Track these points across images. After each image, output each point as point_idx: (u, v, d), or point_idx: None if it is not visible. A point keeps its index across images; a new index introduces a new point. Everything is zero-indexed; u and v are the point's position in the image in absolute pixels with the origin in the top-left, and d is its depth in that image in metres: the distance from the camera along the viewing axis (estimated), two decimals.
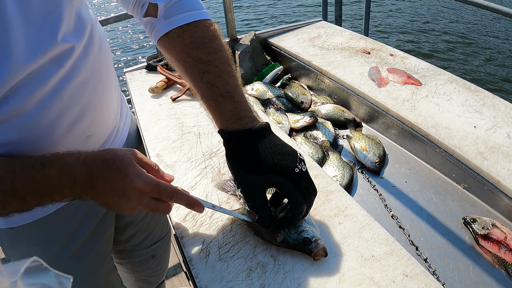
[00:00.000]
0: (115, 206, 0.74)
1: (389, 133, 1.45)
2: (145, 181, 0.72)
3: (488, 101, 1.38)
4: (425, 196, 1.20)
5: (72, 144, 0.84)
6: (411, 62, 1.68)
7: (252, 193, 0.81)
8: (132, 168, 0.72)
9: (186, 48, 0.82)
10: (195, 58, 0.81)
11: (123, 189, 0.71)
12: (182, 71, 0.84)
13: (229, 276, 0.78)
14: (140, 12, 0.88)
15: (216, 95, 0.80)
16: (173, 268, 2.25)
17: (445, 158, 1.22)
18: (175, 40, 0.83)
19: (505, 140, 1.20)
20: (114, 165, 0.71)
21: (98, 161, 0.72)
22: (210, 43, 0.82)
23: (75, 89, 0.79)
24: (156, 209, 0.76)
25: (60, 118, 0.78)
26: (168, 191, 0.75)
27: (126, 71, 1.71)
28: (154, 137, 1.22)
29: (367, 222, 0.89)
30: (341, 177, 1.23)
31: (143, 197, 0.73)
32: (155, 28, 0.85)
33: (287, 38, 2.04)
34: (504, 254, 0.98)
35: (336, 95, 1.67)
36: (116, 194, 0.71)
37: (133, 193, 0.71)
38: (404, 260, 0.79)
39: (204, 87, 0.81)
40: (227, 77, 0.82)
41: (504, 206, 1.09)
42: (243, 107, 0.81)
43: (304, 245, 0.79)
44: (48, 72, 0.72)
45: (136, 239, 1.29)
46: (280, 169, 0.77)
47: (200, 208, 0.80)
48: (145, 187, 0.72)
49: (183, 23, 0.82)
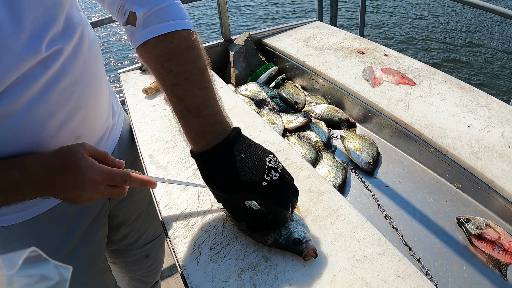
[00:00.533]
0: (75, 200, 0.77)
1: (383, 133, 1.44)
2: (98, 172, 0.75)
3: (482, 101, 1.38)
4: (419, 196, 1.19)
5: (62, 144, 0.83)
6: (405, 62, 1.68)
7: (231, 208, 0.84)
8: (84, 161, 0.75)
9: (160, 59, 0.79)
10: (168, 70, 0.78)
11: (79, 181, 0.74)
12: (157, 82, 0.82)
13: (221, 277, 0.77)
14: (122, 19, 0.86)
15: (183, 110, 0.78)
16: (168, 268, 2.24)
17: (439, 158, 1.22)
18: (151, 50, 0.80)
19: (499, 139, 1.20)
20: (68, 161, 0.74)
21: (53, 160, 0.75)
22: (184, 54, 0.79)
23: (64, 90, 0.80)
24: (112, 194, 0.80)
25: (49, 119, 0.79)
26: (121, 176, 0.78)
27: (120, 72, 1.70)
28: (147, 138, 1.21)
29: (360, 222, 0.88)
30: (334, 177, 1.23)
31: (98, 186, 0.76)
32: (134, 36, 0.83)
33: (282, 38, 2.04)
34: (498, 254, 0.98)
35: (330, 95, 1.67)
36: (73, 188, 0.75)
37: (89, 184, 0.74)
38: (397, 261, 0.79)
39: (174, 100, 0.79)
40: (197, 90, 0.78)
41: (498, 206, 1.08)
42: (209, 122, 0.79)
43: (295, 245, 0.78)
44: (36, 74, 0.73)
45: (129, 238, 1.29)
46: (246, 185, 0.75)
47: (153, 184, 0.84)
48: (99, 177, 0.75)
49: (159, 34, 0.79)
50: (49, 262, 0.35)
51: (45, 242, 0.95)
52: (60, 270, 0.35)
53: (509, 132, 1.22)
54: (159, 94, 1.48)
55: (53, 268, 0.35)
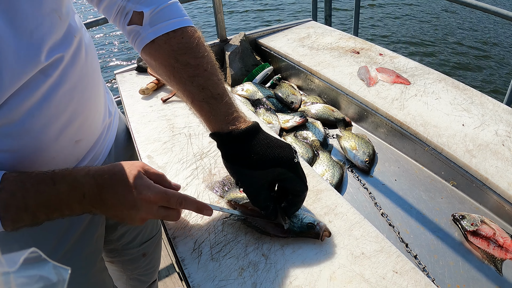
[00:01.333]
0: (125, 218, 0.76)
1: (379, 132, 1.46)
2: (153, 191, 0.74)
3: (476, 100, 1.40)
4: (415, 194, 1.20)
5: (62, 149, 0.85)
6: (400, 62, 1.69)
7: (256, 189, 0.82)
8: (140, 179, 0.74)
9: (174, 53, 0.83)
10: (184, 63, 0.82)
11: (132, 200, 0.73)
12: (169, 76, 0.85)
13: (221, 275, 0.78)
14: (123, 21, 0.89)
15: (208, 97, 0.82)
16: (166, 269, 2.25)
17: (434, 156, 1.23)
18: (162, 46, 0.84)
19: (493, 138, 1.21)
20: (122, 178, 0.74)
21: (106, 175, 0.74)
22: (197, 48, 0.84)
23: (63, 97, 0.80)
24: (166, 217, 0.79)
25: (49, 125, 0.79)
26: (177, 198, 0.77)
27: (117, 73, 1.70)
28: (145, 139, 1.22)
29: (357, 220, 0.89)
30: (331, 176, 1.24)
31: (152, 206, 0.75)
32: (140, 36, 0.86)
33: (277, 38, 2.05)
34: (493, 250, 0.99)
35: (326, 95, 1.68)
36: (125, 206, 0.73)
37: (143, 204, 0.73)
38: (394, 257, 0.80)
39: (195, 90, 0.82)
40: (217, 79, 0.84)
41: (493, 203, 1.10)
42: (234, 108, 0.83)
43: (309, 229, 0.83)
44: (37, 82, 0.73)
45: (126, 237, 1.30)
46: (282, 161, 0.79)
47: (209, 211, 0.82)
48: (153, 197, 0.74)
49: (169, 30, 0.84)
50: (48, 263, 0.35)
51: (44, 243, 0.95)
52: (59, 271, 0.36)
53: (503, 130, 1.24)
54: (156, 95, 1.48)
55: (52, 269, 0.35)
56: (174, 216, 0.80)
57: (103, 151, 1.03)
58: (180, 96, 0.88)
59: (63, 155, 0.86)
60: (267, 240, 0.86)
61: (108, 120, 1.06)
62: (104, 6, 0.89)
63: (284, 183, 0.82)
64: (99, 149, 1.00)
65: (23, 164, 0.78)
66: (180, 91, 0.85)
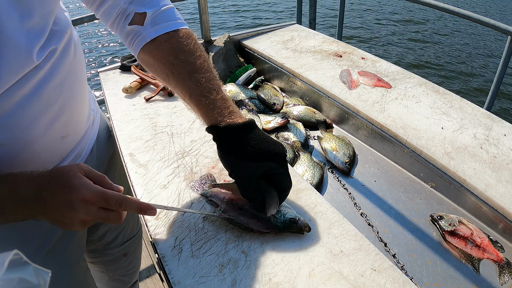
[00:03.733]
0: (65, 221, 0.72)
1: (359, 134, 1.47)
2: (90, 191, 0.71)
3: (455, 104, 1.42)
4: (394, 194, 1.21)
5: (49, 144, 0.84)
6: (381, 66, 1.71)
7: (248, 181, 0.86)
8: (78, 179, 0.71)
9: (174, 51, 0.88)
10: (183, 60, 0.87)
11: (69, 200, 0.69)
12: (168, 73, 0.89)
13: (202, 272, 0.78)
14: (123, 22, 0.92)
15: (206, 92, 0.86)
16: (146, 269, 2.23)
17: (413, 158, 1.25)
18: (162, 44, 0.89)
19: (472, 140, 1.23)
20: (60, 178, 0.71)
21: (46, 177, 0.72)
22: (194, 48, 0.89)
23: (53, 90, 0.80)
24: (106, 219, 0.75)
25: (38, 119, 0.78)
26: (116, 199, 0.73)
27: (100, 71, 1.68)
28: (127, 137, 1.21)
29: (336, 219, 0.90)
30: (312, 176, 1.24)
31: (90, 207, 0.71)
32: (141, 35, 0.90)
33: (261, 40, 2.05)
34: (470, 250, 1.01)
35: (308, 97, 1.69)
36: (63, 207, 0.70)
37: (80, 203, 0.70)
38: (373, 255, 0.81)
39: (193, 85, 0.86)
40: (212, 76, 0.89)
41: (471, 204, 1.11)
42: (229, 103, 0.88)
43: (292, 224, 0.85)
44: (28, 75, 0.72)
45: (107, 237, 1.29)
46: (275, 156, 0.85)
47: (153, 211, 0.79)
48: (90, 196, 0.70)
49: (170, 30, 0.89)
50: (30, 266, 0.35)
51: (29, 242, 0.93)
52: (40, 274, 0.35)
53: (481, 134, 1.26)
54: (139, 93, 1.47)
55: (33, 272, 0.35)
56: (115, 218, 0.75)
57: (85, 148, 1.02)
58: (178, 92, 0.91)
59: (49, 151, 0.86)
60: (247, 237, 0.86)
61: (92, 118, 1.06)
62: (105, 9, 0.92)
63: (274, 177, 0.86)
64: (82, 146, 1.00)
65: (10, 159, 0.76)
66: (178, 87, 0.89)
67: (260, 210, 0.87)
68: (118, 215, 0.76)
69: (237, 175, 0.86)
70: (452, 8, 2.11)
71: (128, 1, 0.90)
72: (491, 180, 1.10)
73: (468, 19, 2.07)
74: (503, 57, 2.04)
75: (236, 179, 0.87)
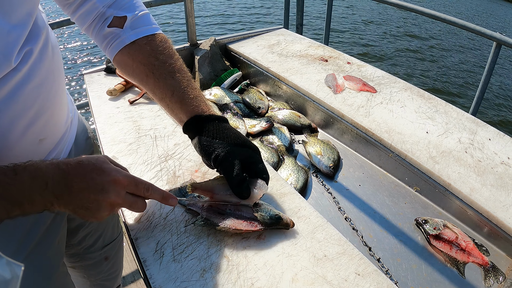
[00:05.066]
0: (91, 205, 0.72)
1: (344, 138, 1.46)
2: (122, 174, 0.74)
3: (440, 108, 1.42)
4: (378, 199, 1.21)
5: (26, 147, 0.82)
6: (367, 70, 1.71)
7: (233, 162, 0.88)
8: (108, 164, 0.74)
9: (154, 53, 0.93)
10: (164, 61, 0.92)
11: (100, 183, 0.71)
12: (148, 74, 0.93)
13: (183, 277, 0.76)
14: (100, 25, 0.95)
15: (190, 88, 0.92)
16: (131, 274, 2.19)
17: (398, 162, 1.24)
18: (143, 47, 0.93)
19: (456, 145, 1.23)
20: (90, 163, 0.72)
21: (72, 162, 0.72)
22: (172, 51, 0.95)
23: (30, 93, 0.78)
24: (133, 204, 0.78)
25: (15, 122, 0.76)
26: (144, 183, 0.78)
27: (85, 73, 1.66)
28: (111, 140, 1.19)
29: (320, 223, 0.88)
30: (296, 180, 1.23)
31: (120, 190, 0.74)
32: (120, 38, 0.94)
33: (247, 44, 2.05)
34: (455, 253, 1.00)
35: (293, 101, 1.68)
36: (93, 190, 0.71)
37: (111, 185, 0.72)
38: (357, 260, 0.80)
39: (176, 83, 0.92)
40: (188, 76, 0.95)
41: (455, 208, 1.11)
42: (206, 100, 0.95)
43: (278, 220, 0.86)
44: (6, 77, 0.70)
45: (87, 241, 1.26)
46: (252, 146, 0.92)
47: (174, 200, 0.84)
48: (122, 179, 0.74)
49: (148, 34, 0.94)
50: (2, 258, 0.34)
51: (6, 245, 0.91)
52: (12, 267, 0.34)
53: (466, 138, 1.26)
54: (123, 96, 1.45)
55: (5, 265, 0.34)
56: (140, 204, 0.79)
57: (63, 150, 1.00)
58: (156, 92, 0.94)
59: (27, 154, 0.83)
60: (229, 241, 0.84)
61: (69, 119, 1.04)
62: (82, 12, 0.94)
63: (253, 166, 0.91)
64: (60, 149, 0.98)
65: None
66: (157, 87, 0.93)
67: (245, 196, 0.87)
68: (144, 203, 0.80)
69: (222, 159, 0.88)
70: (439, 14, 2.13)
71: (106, 5, 0.93)
72: (475, 184, 1.09)
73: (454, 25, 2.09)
74: (488, 62, 2.06)
75: (221, 164, 0.88)
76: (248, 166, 0.90)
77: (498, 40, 1.97)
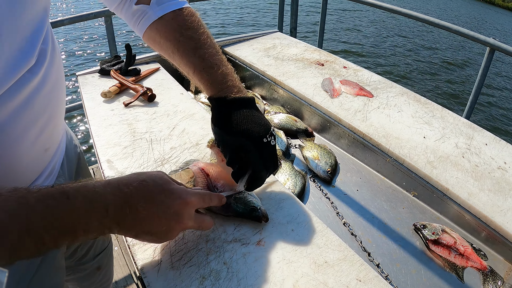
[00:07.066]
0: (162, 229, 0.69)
1: (341, 143, 1.46)
2: (190, 193, 0.73)
3: (437, 113, 1.42)
4: (376, 204, 1.21)
5: (34, 158, 0.78)
6: (363, 75, 1.71)
7: (226, 151, 0.90)
8: (174, 184, 0.72)
9: (180, 28, 0.93)
10: (188, 37, 0.92)
11: (172, 206, 0.69)
12: (173, 49, 0.93)
13: (182, 284, 0.75)
14: (129, 3, 0.97)
15: (208, 67, 0.90)
16: (124, 279, 2.17)
17: (396, 167, 1.24)
18: (169, 22, 0.94)
19: (453, 150, 1.24)
20: (156, 184, 0.69)
21: (134, 184, 0.66)
22: (198, 25, 0.94)
23: (43, 99, 0.75)
24: (201, 223, 0.77)
25: (29, 129, 0.72)
26: (207, 194, 0.78)
27: (79, 75, 1.64)
28: (105, 143, 1.17)
29: (320, 229, 0.88)
30: (293, 185, 1.23)
31: (191, 210, 0.73)
32: (147, 14, 0.95)
33: (243, 47, 2.04)
34: (454, 258, 1.01)
35: (289, 105, 1.68)
36: (163, 215, 0.68)
37: (184, 208, 0.71)
38: (357, 266, 0.79)
39: (197, 61, 0.91)
40: (215, 51, 0.93)
41: (453, 213, 1.11)
42: (229, 78, 0.91)
43: (252, 212, 0.87)
44: (23, 81, 0.66)
45: (78, 253, 1.22)
46: (250, 135, 0.86)
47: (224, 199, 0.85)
48: (194, 200, 0.72)
49: (175, 8, 0.94)
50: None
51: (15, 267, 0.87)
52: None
53: (463, 143, 1.27)
54: (118, 98, 1.44)
55: None
56: (208, 222, 0.79)
57: (58, 161, 0.96)
58: (182, 68, 0.96)
59: (33, 165, 0.79)
60: (228, 248, 0.83)
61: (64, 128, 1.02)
62: None
63: (248, 155, 0.88)
64: (56, 159, 0.92)
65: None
66: (182, 63, 0.93)
67: (234, 179, 0.90)
68: (210, 219, 0.80)
69: (219, 144, 0.91)
70: (433, 20, 2.14)
71: None
72: (473, 188, 1.10)
73: (448, 30, 2.10)
74: (481, 67, 2.08)
75: (220, 148, 0.91)
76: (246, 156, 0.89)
77: (491, 45, 1.98)
